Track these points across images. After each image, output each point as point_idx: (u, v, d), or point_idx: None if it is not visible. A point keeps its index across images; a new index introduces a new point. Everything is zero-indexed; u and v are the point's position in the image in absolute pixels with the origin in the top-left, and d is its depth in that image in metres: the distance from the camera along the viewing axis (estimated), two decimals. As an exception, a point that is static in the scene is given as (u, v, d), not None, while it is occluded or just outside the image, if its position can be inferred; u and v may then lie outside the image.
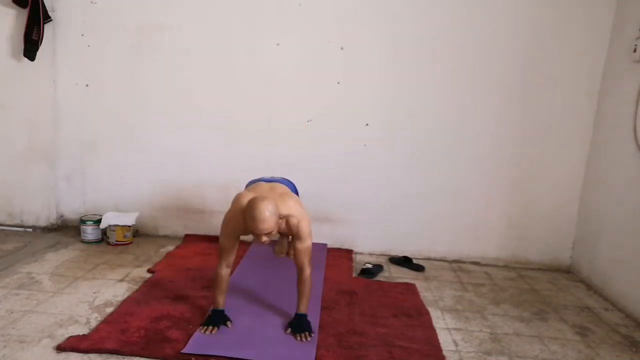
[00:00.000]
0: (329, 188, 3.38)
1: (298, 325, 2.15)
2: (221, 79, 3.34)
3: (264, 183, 2.37)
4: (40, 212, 3.51)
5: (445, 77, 3.19)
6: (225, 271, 2.20)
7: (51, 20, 3.29)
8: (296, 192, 2.60)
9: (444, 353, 2.09)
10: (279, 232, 2.27)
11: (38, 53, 3.25)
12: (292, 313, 2.22)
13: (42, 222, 3.52)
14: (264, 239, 1.99)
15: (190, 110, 3.39)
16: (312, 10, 3.20)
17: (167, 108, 3.40)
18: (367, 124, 3.29)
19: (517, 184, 3.27)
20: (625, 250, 2.73)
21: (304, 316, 2.18)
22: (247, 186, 2.50)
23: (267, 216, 1.94)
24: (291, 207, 2.15)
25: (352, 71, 3.25)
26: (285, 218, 2.12)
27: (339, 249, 3.40)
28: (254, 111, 3.35)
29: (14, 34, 3.27)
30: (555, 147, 3.21)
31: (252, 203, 1.97)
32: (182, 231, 3.54)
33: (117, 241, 3.26)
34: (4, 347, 1.95)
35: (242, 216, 2.02)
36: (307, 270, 2.17)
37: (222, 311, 2.21)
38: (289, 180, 2.65)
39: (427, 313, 2.47)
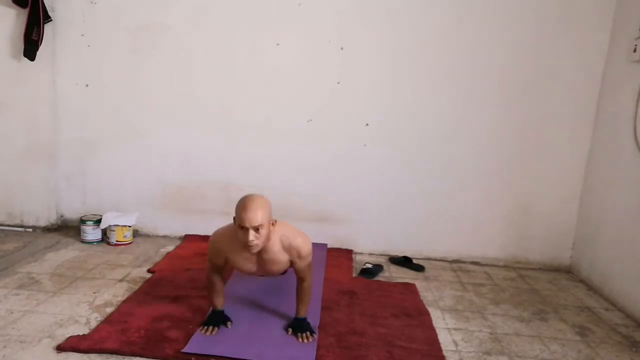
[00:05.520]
0: (329, 188, 3.38)
1: (299, 326, 2.15)
2: (221, 79, 3.33)
3: None
4: (40, 212, 3.51)
5: (445, 77, 3.19)
6: (216, 277, 2.18)
7: (51, 20, 3.29)
8: None
9: (444, 353, 2.09)
10: (275, 265, 2.12)
11: (38, 53, 3.25)
12: (292, 314, 2.22)
13: (42, 222, 3.52)
14: (252, 237, 1.85)
15: (190, 110, 3.39)
16: (312, 10, 3.20)
17: (167, 108, 3.40)
18: (367, 124, 3.29)
19: (517, 183, 3.27)
20: (625, 250, 2.73)
21: (304, 318, 2.18)
22: None
23: (259, 204, 1.89)
24: (287, 226, 2.10)
25: (352, 71, 3.25)
26: (281, 237, 2.04)
27: (339, 249, 3.40)
28: (254, 111, 3.35)
29: (14, 34, 3.27)
30: (555, 147, 3.21)
31: (244, 196, 1.95)
32: (182, 231, 3.54)
33: (117, 241, 3.26)
34: (4, 347, 1.95)
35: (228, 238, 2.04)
36: (308, 281, 2.15)
37: (222, 311, 2.21)
38: None
39: (427, 313, 2.47)
